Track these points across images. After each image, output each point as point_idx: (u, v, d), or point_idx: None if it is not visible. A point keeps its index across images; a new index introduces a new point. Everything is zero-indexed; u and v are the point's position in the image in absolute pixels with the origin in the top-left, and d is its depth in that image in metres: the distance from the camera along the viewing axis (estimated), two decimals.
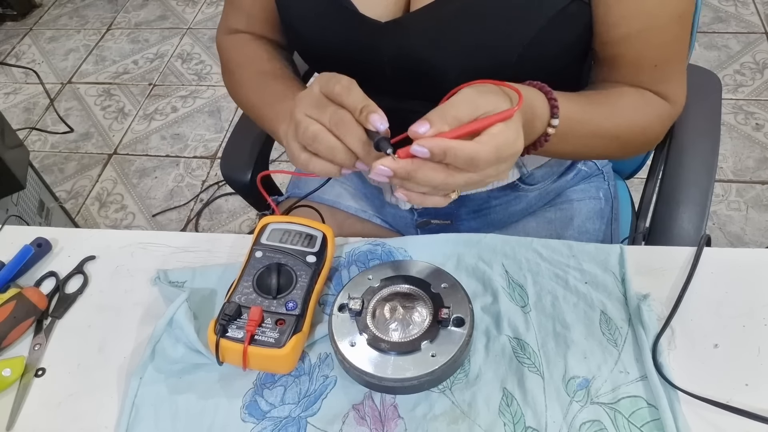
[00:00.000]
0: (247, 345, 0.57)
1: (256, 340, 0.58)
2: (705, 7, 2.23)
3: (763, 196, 1.67)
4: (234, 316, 0.59)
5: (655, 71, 0.67)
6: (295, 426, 0.57)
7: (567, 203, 0.84)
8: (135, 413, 0.59)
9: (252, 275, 0.62)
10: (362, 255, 0.70)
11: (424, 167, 0.51)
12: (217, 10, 2.59)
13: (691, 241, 0.69)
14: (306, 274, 0.63)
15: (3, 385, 0.62)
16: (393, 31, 0.65)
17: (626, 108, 0.67)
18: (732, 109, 1.89)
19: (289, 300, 0.61)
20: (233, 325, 0.59)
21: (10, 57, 2.49)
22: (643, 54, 0.65)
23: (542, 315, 0.62)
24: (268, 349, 0.57)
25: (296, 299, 0.61)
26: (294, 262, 0.64)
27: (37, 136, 2.14)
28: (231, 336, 0.58)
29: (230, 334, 0.58)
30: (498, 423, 0.55)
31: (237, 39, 0.80)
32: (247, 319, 0.59)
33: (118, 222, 1.85)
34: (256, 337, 0.58)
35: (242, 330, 0.58)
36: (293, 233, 0.66)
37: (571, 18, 0.63)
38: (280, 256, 0.64)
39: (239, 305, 0.60)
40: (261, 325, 0.59)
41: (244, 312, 0.60)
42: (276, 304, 0.60)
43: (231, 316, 0.59)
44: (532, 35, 0.62)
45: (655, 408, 0.55)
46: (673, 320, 0.60)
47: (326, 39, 0.70)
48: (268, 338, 0.58)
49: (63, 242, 0.75)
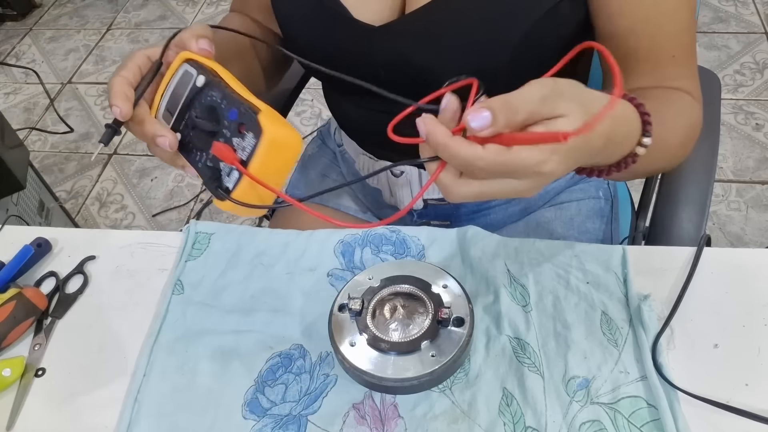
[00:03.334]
0: (247, 171, 0.50)
1: (244, 162, 0.50)
2: (705, 7, 2.23)
3: (763, 196, 1.67)
4: (214, 173, 0.53)
5: (674, 63, 0.64)
6: (296, 424, 0.57)
7: (567, 203, 0.84)
8: (137, 409, 0.59)
9: (189, 144, 0.56)
10: (377, 237, 0.71)
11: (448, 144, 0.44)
12: (217, 10, 2.59)
13: (691, 241, 0.69)
14: (213, 90, 0.55)
15: (3, 385, 0.62)
16: (386, 36, 0.65)
17: (677, 115, 0.62)
18: (732, 109, 1.89)
19: (226, 114, 0.53)
20: (223, 177, 0.52)
21: (10, 57, 2.49)
22: (658, 44, 0.62)
23: (543, 315, 0.62)
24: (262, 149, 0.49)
25: (230, 107, 0.52)
26: (196, 97, 0.56)
27: (37, 136, 2.14)
28: (232, 185, 0.51)
29: (230, 185, 0.51)
30: (498, 423, 0.55)
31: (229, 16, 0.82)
32: (222, 161, 0.52)
33: (118, 222, 1.85)
34: (241, 156, 0.50)
35: (231, 170, 0.51)
36: (173, 93, 0.58)
37: (564, 16, 0.62)
38: (183, 111, 0.56)
39: (207, 163, 0.53)
40: (234, 148, 0.51)
41: (217, 163, 0.52)
42: (222, 129, 0.53)
43: (213, 176, 0.53)
44: (522, 34, 0.61)
45: (655, 408, 0.55)
46: (673, 320, 0.60)
47: (319, 43, 0.70)
48: (249, 145, 0.50)
49: (63, 242, 0.75)
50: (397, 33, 0.65)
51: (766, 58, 2.03)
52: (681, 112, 0.63)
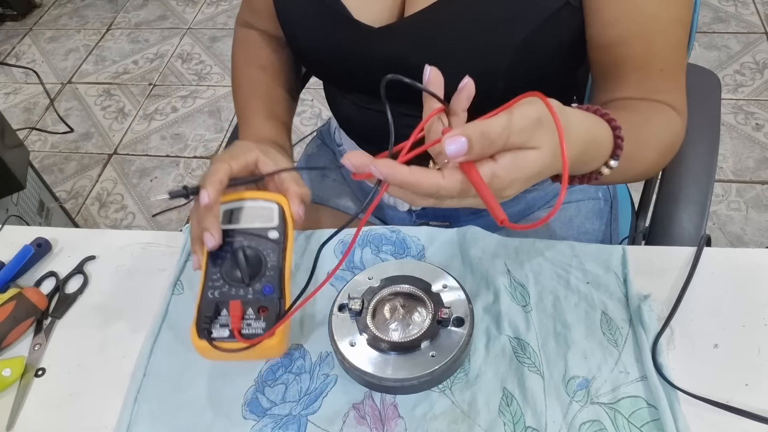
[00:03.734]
0: (240, 339, 0.54)
1: (244, 334, 0.55)
2: (705, 7, 2.23)
3: (763, 196, 1.67)
4: (213, 315, 0.56)
5: (662, 77, 0.64)
6: (296, 424, 0.57)
7: (566, 203, 0.84)
8: (137, 409, 0.59)
9: (218, 266, 0.58)
10: (377, 237, 0.71)
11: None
12: (218, 10, 2.59)
13: (691, 241, 0.69)
14: (273, 252, 0.59)
15: (3, 385, 0.62)
16: (386, 37, 0.65)
17: (657, 130, 0.63)
18: (732, 109, 1.89)
19: (265, 284, 0.57)
20: (216, 324, 0.56)
21: (10, 57, 2.49)
22: (648, 56, 0.64)
23: (543, 315, 0.62)
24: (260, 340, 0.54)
25: (271, 282, 0.57)
26: (257, 242, 0.59)
27: (37, 136, 2.14)
28: (217, 336, 0.55)
29: (216, 334, 0.55)
30: (498, 423, 0.55)
31: (246, 35, 0.83)
32: (228, 315, 0.56)
33: (118, 222, 1.85)
34: (243, 331, 0.55)
35: (226, 328, 0.55)
36: (245, 210, 0.61)
37: (563, 22, 0.63)
38: (240, 238, 0.59)
39: (216, 302, 0.56)
40: (244, 318, 0.56)
41: (222, 308, 0.56)
42: (252, 292, 0.57)
43: (210, 316, 0.56)
44: (522, 39, 0.62)
45: (655, 408, 0.55)
46: (672, 320, 0.60)
47: (321, 44, 0.70)
48: (255, 330, 0.55)
49: (63, 242, 0.75)
50: (397, 35, 0.65)
51: (766, 58, 2.03)
52: (663, 127, 0.64)
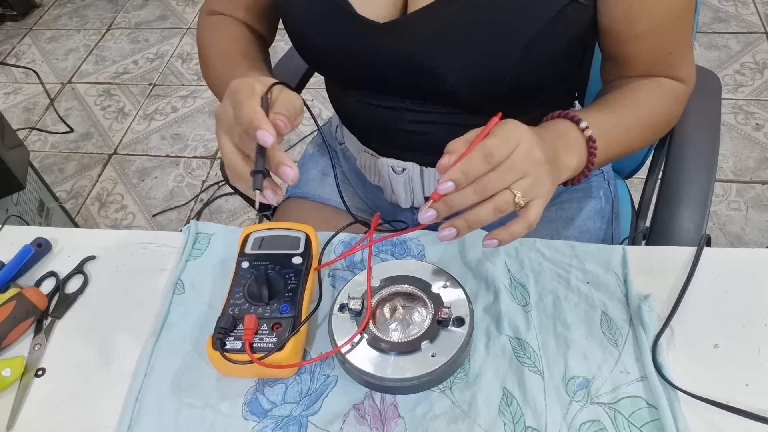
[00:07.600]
0: (249, 353, 0.57)
1: (255, 347, 0.58)
2: (705, 7, 2.23)
3: (763, 196, 1.67)
4: (230, 327, 0.59)
5: (669, 59, 0.68)
6: (296, 425, 0.57)
7: (567, 202, 0.84)
8: (138, 409, 0.59)
9: (242, 286, 0.63)
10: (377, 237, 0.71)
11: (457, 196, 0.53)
12: None
13: (692, 241, 0.69)
14: (295, 276, 0.63)
15: (3, 385, 0.62)
16: (391, 33, 0.65)
17: (648, 100, 0.69)
18: (732, 109, 1.89)
19: (283, 304, 0.61)
20: (230, 337, 0.59)
21: (10, 57, 2.49)
22: (662, 45, 0.66)
23: (543, 315, 0.62)
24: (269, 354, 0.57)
25: (289, 302, 0.61)
26: (281, 266, 0.64)
27: (37, 136, 2.14)
28: (230, 348, 0.58)
29: (229, 346, 0.58)
30: (498, 423, 0.55)
31: (212, 20, 0.81)
32: (242, 329, 0.59)
33: (118, 222, 1.85)
34: (255, 344, 0.58)
35: (240, 341, 0.58)
36: (275, 238, 0.67)
37: (570, 19, 0.63)
38: (266, 262, 0.65)
39: (233, 316, 0.60)
40: (258, 332, 0.59)
41: (239, 323, 0.60)
42: (270, 310, 0.61)
43: (227, 328, 0.59)
44: (530, 36, 0.62)
45: (655, 408, 0.55)
46: (673, 320, 0.60)
47: (325, 40, 0.70)
48: (267, 344, 0.58)
49: (63, 242, 0.75)
50: (402, 30, 0.65)
51: (766, 58, 2.03)
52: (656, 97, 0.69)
